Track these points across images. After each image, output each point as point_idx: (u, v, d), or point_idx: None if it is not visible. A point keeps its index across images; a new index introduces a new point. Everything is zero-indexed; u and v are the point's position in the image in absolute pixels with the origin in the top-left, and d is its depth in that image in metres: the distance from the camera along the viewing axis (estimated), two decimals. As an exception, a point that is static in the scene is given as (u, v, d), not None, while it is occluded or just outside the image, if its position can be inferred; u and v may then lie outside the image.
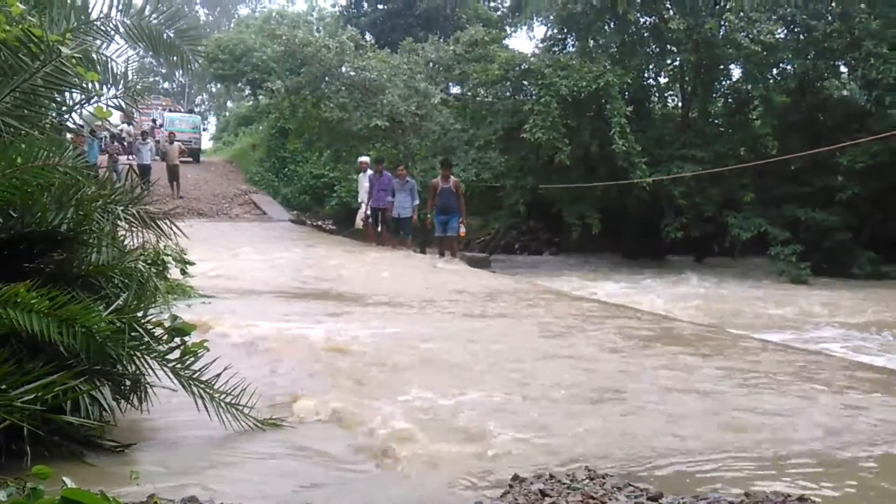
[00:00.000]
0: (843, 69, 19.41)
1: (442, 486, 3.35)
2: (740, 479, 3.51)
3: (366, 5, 33.13)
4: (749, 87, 19.54)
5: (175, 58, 5.19)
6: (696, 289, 14.62)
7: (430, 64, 21.44)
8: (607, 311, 8.93)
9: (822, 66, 18.72)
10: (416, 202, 15.90)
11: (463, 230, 15.24)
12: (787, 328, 10.21)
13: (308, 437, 3.98)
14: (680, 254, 20.32)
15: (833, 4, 18.50)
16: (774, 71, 19.80)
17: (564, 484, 3.28)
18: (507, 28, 28.33)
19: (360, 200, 17.66)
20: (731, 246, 19.47)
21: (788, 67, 19.38)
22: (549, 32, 22.92)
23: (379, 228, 16.86)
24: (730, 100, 21.35)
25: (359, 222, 17.65)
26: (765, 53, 18.10)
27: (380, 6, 32.56)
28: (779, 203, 18.43)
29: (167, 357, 3.78)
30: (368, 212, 16.83)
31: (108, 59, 4.79)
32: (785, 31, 19.19)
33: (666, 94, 23.00)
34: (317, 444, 3.89)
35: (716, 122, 21.40)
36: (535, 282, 13.14)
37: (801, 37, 19.10)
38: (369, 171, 16.91)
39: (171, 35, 4.99)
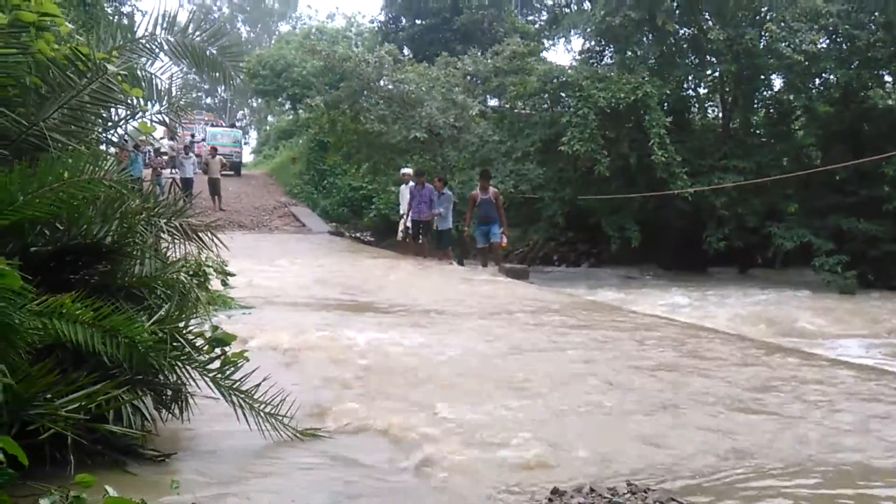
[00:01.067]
0: (888, 78, 19.06)
1: (480, 499, 3.33)
2: (788, 493, 3.44)
3: (404, 20, 33.37)
4: (791, 97, 19.28)
5: (217, 74, 5.25)
6: (746, 301, 14.39)
7: (468, 77, 21.52)
8: (655, 323, 8.82)
9: (865, 76, 18.42)
10: (440, 210, 15.90)
11: (504, 240, 15.25)
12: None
13: (347, 448, 3.99)
14: (721, 265, 20.05)
15: (876, 14, 18.19)
16: (817, 81, 19.53)
17: (605, 498, 3.25)
18: (545, 41, 28.32)
19: (401, 212, 17.71)
20: (773, 257, 19.18)
21: (831, 77, 19.09)
22: (587, 45, 22.87)
23: (420, 241, 16.83)
24: (771, 110, 21.09)
25: (400, 234, 17.67)
26: (807, 63, 17.87)
27: (418, 21, 32.77)
28: (823, 214, 18.13)
29: (208, 367, 3.82)
30: (409, 223, 16.84)
31: (153, 76, 4.88)
32: (827, 41, 18.92)
33: (706, 105, 22.82)
34: (355, 455, 3.89)
35: (757, 132, 21.15)
36: (580, 295, 13.05)
37: (844, 46, 18.81)
38: (411, 183, 16.97)
39: (214, 52, 5.06)
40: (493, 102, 24.97)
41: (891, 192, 17.40)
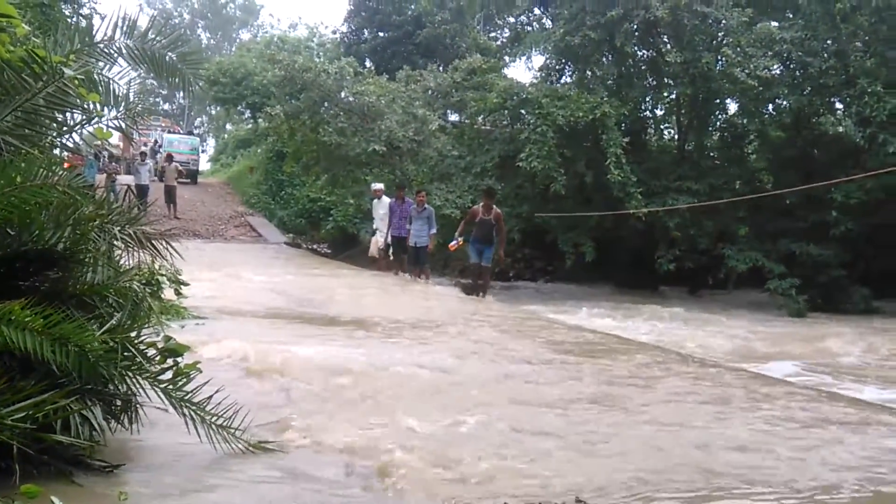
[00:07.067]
0: (839, 106, 19.61)
1: (431, 514, 3.34)
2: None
3: (366, 32, 33.41)
4: (745, 121, 19.75)
5: (176, 80, 5.19)
6: (698, 323, 14.60)
7: (429, 91, 21.62)
8: (607, 341, 8.93)
9: (817, 103, 18.94)
10: (433, 230, 15.05)
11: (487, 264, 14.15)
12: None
13: (299, 461, 3.96)
14: (673, 285, 20.34)
15: (829, 42, 18.73)
16: (770, 106, 20.02)
17: (555, 513, 3.28)
18: (506, 57, 28.56)
19: (374, 228, 16.98)
20: (725, 278, 19.53)
21: (784, 103, 19.59)
22: (547, 62, 23.14)
23: (401, 257, 16.00)
24: (725, 134, 21.54)
25: (373, 250, 16.81)
26: (761, 88, 18.30)
27: (380, 34, 32.84)
28: (774, 237, 18.55)
29: (159, 378, 3.76)
30: (389, 240, 16.06)
31: (111, 81, 4.82)
32: (781, 68, 19.40)
33: (662, 127, 23.24)
34: (307, 468, 3.87)
35: (711, 155, 21.58)
36: (538, 312, 13.16)
37: (797, 73, 19.33)
38: (384, 198, 16.36)
39: (174, 58, 5.00)
40: (453, 117, 25.09)
41: (839, 217, 17.87)
